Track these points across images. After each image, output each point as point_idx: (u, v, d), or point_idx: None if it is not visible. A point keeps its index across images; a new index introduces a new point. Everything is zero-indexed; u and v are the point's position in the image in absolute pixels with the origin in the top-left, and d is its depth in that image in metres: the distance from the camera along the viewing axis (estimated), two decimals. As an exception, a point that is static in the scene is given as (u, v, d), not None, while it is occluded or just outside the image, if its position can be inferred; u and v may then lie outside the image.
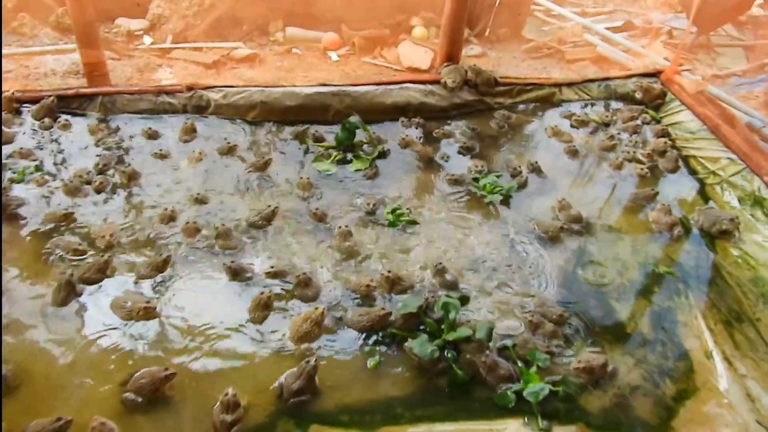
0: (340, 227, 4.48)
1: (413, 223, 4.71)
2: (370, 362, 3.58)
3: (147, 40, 7.58)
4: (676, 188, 5.44)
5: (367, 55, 7.77)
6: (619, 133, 6.12)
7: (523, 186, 5.26)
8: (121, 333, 3.68)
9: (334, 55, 7.71)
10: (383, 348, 3.72)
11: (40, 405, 3.24)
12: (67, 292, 3.84)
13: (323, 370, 3.48)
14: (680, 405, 3.58)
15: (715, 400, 3.61)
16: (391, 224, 4.68)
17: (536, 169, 5.43)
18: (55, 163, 5.08)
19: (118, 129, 5.57)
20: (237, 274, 4.10)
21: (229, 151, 5.40)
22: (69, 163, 5.10)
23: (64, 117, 5.58)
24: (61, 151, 5.23)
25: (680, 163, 5.73)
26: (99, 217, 4.55)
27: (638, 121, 6.31)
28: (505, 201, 5.05)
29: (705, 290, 4.39)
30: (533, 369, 3.56)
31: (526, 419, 3.34)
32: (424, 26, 8.21)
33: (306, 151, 5.54)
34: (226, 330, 3.76)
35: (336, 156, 5.42)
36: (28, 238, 4.32)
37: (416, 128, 5.96)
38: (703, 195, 5.38)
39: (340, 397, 3.42)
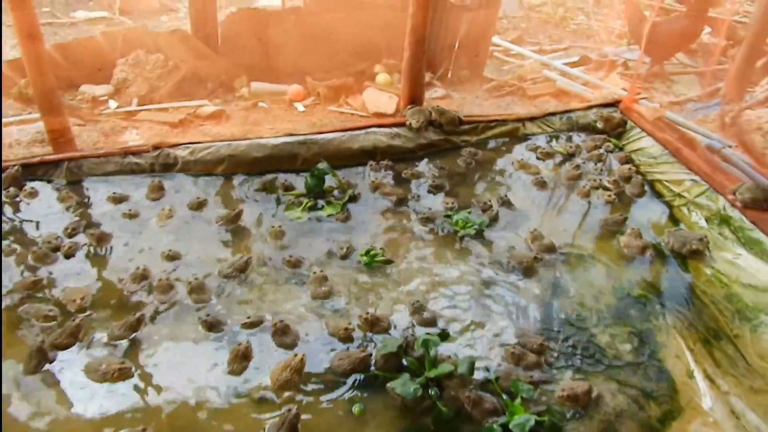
0: (315, 272, 4.50)
1: (388, 262, 4.75)
2: (356, 408, 3.55)
3: (112, 104, 7.68)
4: (645, 212, 5.58)
5: (332, 103, 7.95)
6: (584, 162, 6.29)
7: (494, 220, 5.34)
8: (97, 396, 3.61)
9: (300, 106, 7.87)
10: (366, 390, 3.69)
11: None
12: (39, 360, 3.77)
13: (306, 416, 3.45)
14: (666, 426, 3.60)
15: (700, 419, 3.65)
16: (367, 265, 4.71)
17: (506, 203, 5.53)
18: (22, 232, 5.05)
19: (85, 193, 5.57)
20: (213, 326, 4.08)
21: (199, 206, 5.41)
22: (37, 229, 5.07)
23: (30, 185, 5.57)
24: (28, 219, 5.20)
25: (646, 187, 5.90)
26: (70, 281, 4.50)
27: (602, 150, 6.50)
28: (479, 235, 5.12)
29: (681, 310, 4.46)
30: (518, 401, 3.56)
31: (514, 452, 3.33)
32: (387, 72, 8.46)
33: (277, 201, 5.57)
34: (206, 384, 3.71)
35: (307, 203, 5.47)
36: (-3, 308, 4.25)
37: (385, 171, 6.04)
38: (672, 217, 5.52)
39: (325, 444, 3.39)
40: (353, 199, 5.60)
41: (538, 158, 6.39)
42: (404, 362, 3.78)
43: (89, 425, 3.45)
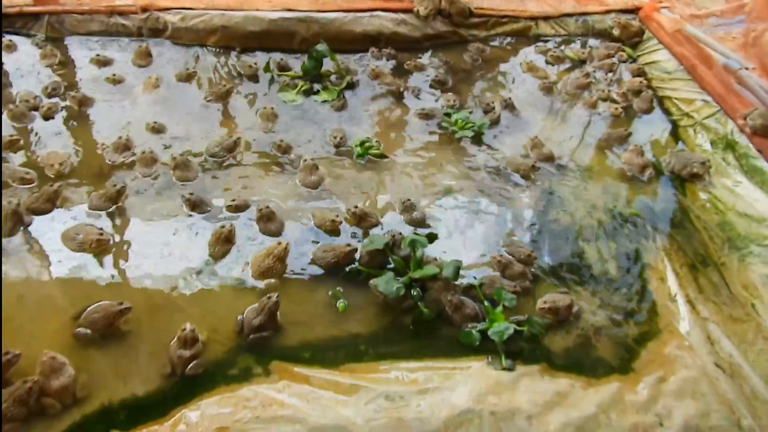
0: (305, 160, 4.37)
1: (382, 156, 4.63)
2: (340, 304, 3.53)
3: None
4: (649, 129, 5.42)
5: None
6: (594, 71, 6.04)
7: (495, 122, 5.18)
8: (73, 265, 3.57)
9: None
10: (348, 285, 3.67)
11: (-14, 339, 3.14)
12: (14, 222, 3.69)
13: (285, 306, 3.43)
14: (642, 347, 3.62)
15: (676, 342, 3.67)
16: (359, 156, 4.59)
17: (509, 106, 5.35)
18: (-1, 86, 4.82)
19: (67, 51, 5.28)
20: (196, 206, 3.99)
21: (188, 77, 5.20)
22: (14, 86, 4.83)
23: (8, 37, 5.27)
24: (6, 73, 4.95)
25: (655, 103, 5.70)
26: (48, 144, 4.35)
27: (614, 59, 6.23)
28: (477, 138, 4.98)
29: (672, 233, 4.42)
30: (499, 309, 3.57)
31: (489, 358, 3.36)
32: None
33: (271, 81, 5.35)
34: (185, 264, 3.67)
35: (302, 86, 5.26)
36: (-29, 164, 4.11)
37: (387, 59, 5.80)
38: (676, 137, 5.37)
39: (303, 334, 3.39)
40: (351, 86, 5.39)
41: (547, 62, 6.14)
42: (389, 260, 3.75)
43: (64, 293, 3.42)
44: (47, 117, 4.58)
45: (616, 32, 6.56)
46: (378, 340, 3.42)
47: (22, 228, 3.72)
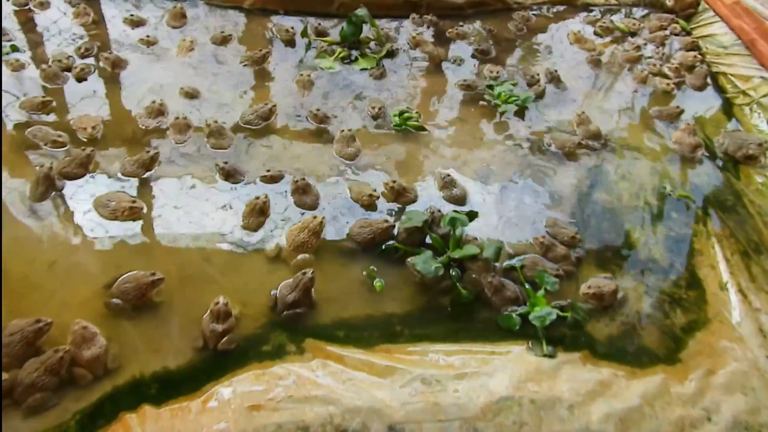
0: (342, 131, 4.25)
1: (421, 129, 4.49)
2: (377, 284, 3.43)
3: None
4: (702, 107, 5.18)
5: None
6: (645, 44, 5.82)
7: (540, 96, 5.00)
8: (105, 233, 3.52)
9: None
10: (384, 262, 3.57)
11: (18, 305, 3.10)
12: (46, 187, 3.65)
13: (319, 282, 3.34)
14: (690, 336, 3.48)
15: (725, 333, 3.51)
16: (398, 127, 4.47)
17: (555, 79, 5.15)
18: (33, 45, 4.76)
19: (100, 10, 5.20)
20: (230, 175, 3.91)
21: (223, 41, 5.09)
22: (48, 45, 4.78)
23: (41, -6, 5.21)
24: (38, 32, 4.89)
25: (708, 79, 5.45)
26: (80, 107, 4.29)
27: (667, 32, 5.97)
28: (520, 111, 4.81)
29: (724, 218, 4.22)
30: (541, 292, 3.45)
31: (530, 344, 3.24)
32: None
33: (308, 46, 5.23)
34: (218, 235, 3.61)
35: (340, 53, 5.12)
36: (5, 126, 4.08)
37: (428, 27, 5.63)
38: (730, 116, 5.13)
39: (337, 312, 3.32)
40: (390, 54, 5.24)
41: (596, 33, 5.92)
42: (428, 238, 3.64)
43: (95, 261, 3.38)
44: (80, 78, 4.53)
45: (669, 3, 6.28)
46: (414, 320, 3.33)
47: (54, 192, 3.68)
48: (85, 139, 4.03)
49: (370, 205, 3.87)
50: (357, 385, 2.91)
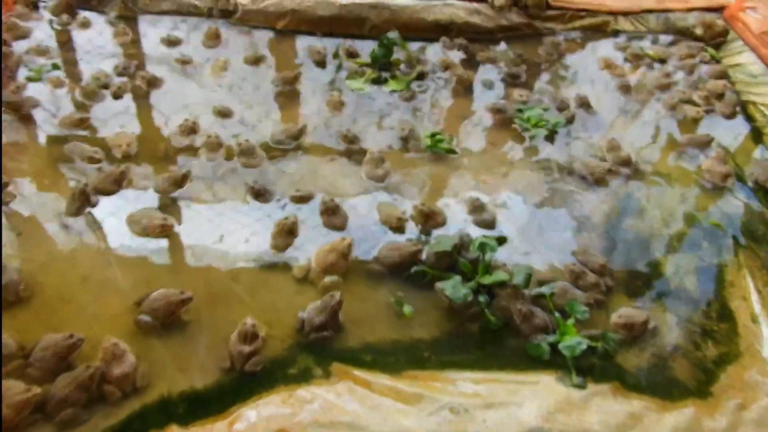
0: (372, 152, 4.21)
1: (452, 152, 4.44)
2: (407, 310, 3.35)
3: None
4: (731, 135, 5.05)
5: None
6: (674, 71, 5.71)
7: (570, 121, 4.91)
8: (137, 249, 3.51)
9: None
10: (412, 286, 3.50)
11: (50, 318, 3.10)
12: (81, 202, 3.65)
13: (347, 304, 3.28)
14: (721, 369, 3.35)
15: (758, 366, 3.38)
16: (429, 148, 4.42)
17: (585, 104, 5.07)
18: (72, 64, 4.81)
19: (137, 30, 5.26)
20: (260, 194, 3.89)
21: (256, 61, 5.11)
22: (87, 64, 4.83)
23: (83, 14, 5.28)
24: (79, 51, 4.95)
25: (738, 108, 5.33)
26: (116, 124, 4.32)
27: (696, 60, 5.85)
28: (550, 136, 4.74)
29: (756, 248, 4.09)
30: (570, 321, 3.35)
31: (559, 373, 3.15)
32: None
33: (339, 67, 5.21)
34: (246, 255, 3.57)
35: (371, 74, 5.10)
36: (43, 142, 4.11)
37: (458, 50, 5.59)
38: (759, 144, 4.99)
39: (364, 335, 3.25)
40: (421, 76, 5.20)
41: (625, 59, 5.82)
42: (456, 263, 3.57)
43: (126, 277, 3.36)
44: (117, 96, 4.56)
45: (698, 31, 6.16)
46: (442, 346, 3.25)
47: (89, 208, 3.68)
48: (119, 156, 4.04)
49: (398, 228, 3.81)
50: (384, 411, 2.83)
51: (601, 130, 4.90)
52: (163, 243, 3.57)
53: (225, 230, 3.69)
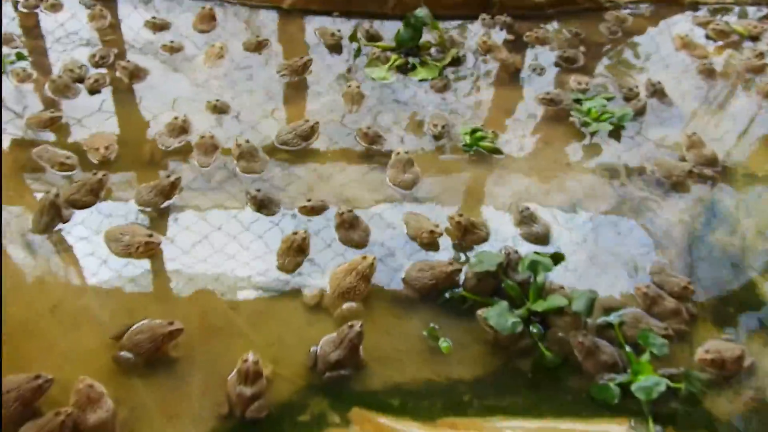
0: (398, 153, 4.26)
1: (496, 151, 4.48)
2: (443, 344, 3.36)
3: None
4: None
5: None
6: (769, 50, 5.73)
7: (640, 113, 4.97)
8: (116, 273, 3.56)
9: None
10: (448, 314, 3.51)
11: (15, 356, 3.13)
12: (51, 217, 3.72)
13: (369, 337, 3.29)
14: (836, 417, 3.33)
15: None
16: (467, 148, 4.47)
17: (658, 92, 5.11)
18: (40, 53, 4.94)
19: (117, 12, 5.39)
20: (263, 206, 3.94)
21: (258, 46, 5.21)
22: (58, 53, 4.95)
23: (53, -6, 5.45)
24: (48, 38, 5.08)
25: None
26: (93, 124, 4.42)
27: (796, 36, 5.88)
28: (616, 132, 4.78)
29: None
30: (645, 356, 3.32)
31: (632, 422, 3.12)
32: None
33: (357, 53, 5.31)
34: (248, 278, 3.61)
35: (396, 60, 5.18)
36: (6, 146, 4.21)
37: (501, 29, 5.68)
38: None
39: (390, 375, 3.26)
40: (456, 61, 5.29)
41: (708, 37, 5.91)
42: (501, 286, 3.58)
43: (104, 305, 3.41)
44: (93, 90, 4.67)
45: (798, 1, 6.18)
46: (486, 388, 3.24)
47: (60, 223, 3.74)
48: (96, 162, 4.13)
49: (430, 244, 3.85)
50: (415, 467, 2.84)
51: (680, 124, 4.94)
52: (148, 264, 3.62)
53: (222, 248, 3.74)
